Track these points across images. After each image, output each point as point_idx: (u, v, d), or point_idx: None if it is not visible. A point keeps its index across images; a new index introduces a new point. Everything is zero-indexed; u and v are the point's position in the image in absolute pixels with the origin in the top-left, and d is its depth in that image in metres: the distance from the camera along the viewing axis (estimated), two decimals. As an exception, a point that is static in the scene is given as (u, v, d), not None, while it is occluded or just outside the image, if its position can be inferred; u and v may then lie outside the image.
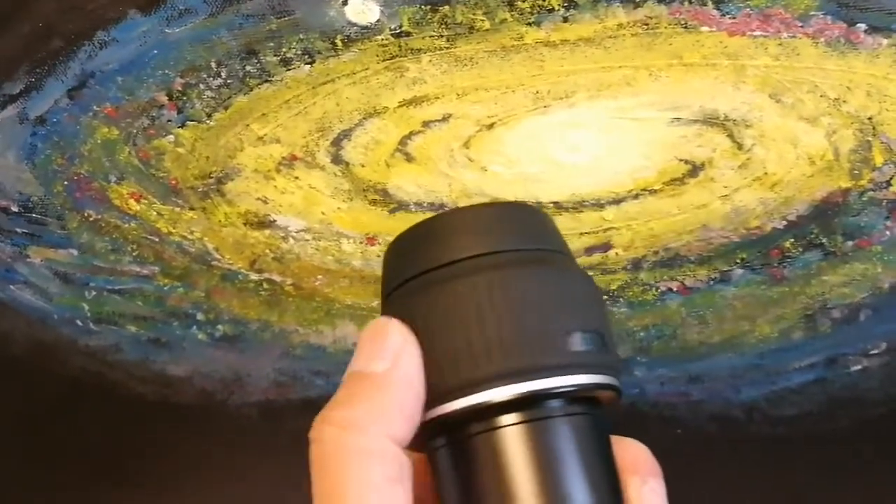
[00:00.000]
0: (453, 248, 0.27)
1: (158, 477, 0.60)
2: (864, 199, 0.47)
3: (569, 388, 0.26)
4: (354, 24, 0.46)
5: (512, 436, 0.26)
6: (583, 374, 0.26)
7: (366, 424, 0.25)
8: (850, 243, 0.48)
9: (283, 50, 0.47)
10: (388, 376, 0.26)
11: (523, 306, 0.26)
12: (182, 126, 0.50)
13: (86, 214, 0.53)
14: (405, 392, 0.26)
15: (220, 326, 0.55)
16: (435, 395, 0.26)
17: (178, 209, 0.52)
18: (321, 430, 0.26)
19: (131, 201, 0.52)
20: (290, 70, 0.47)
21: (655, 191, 0.48)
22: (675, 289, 0.51)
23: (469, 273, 0.27)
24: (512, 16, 0.44)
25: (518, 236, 0.28)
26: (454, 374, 0.26)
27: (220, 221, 0.52)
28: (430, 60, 0.46)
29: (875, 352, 0.50)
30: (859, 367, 0.50)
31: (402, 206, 0.50)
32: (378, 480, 0.24)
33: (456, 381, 0.26)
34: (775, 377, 0.51)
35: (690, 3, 0.43)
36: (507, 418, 0.26)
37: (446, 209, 0.29)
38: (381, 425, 0.25)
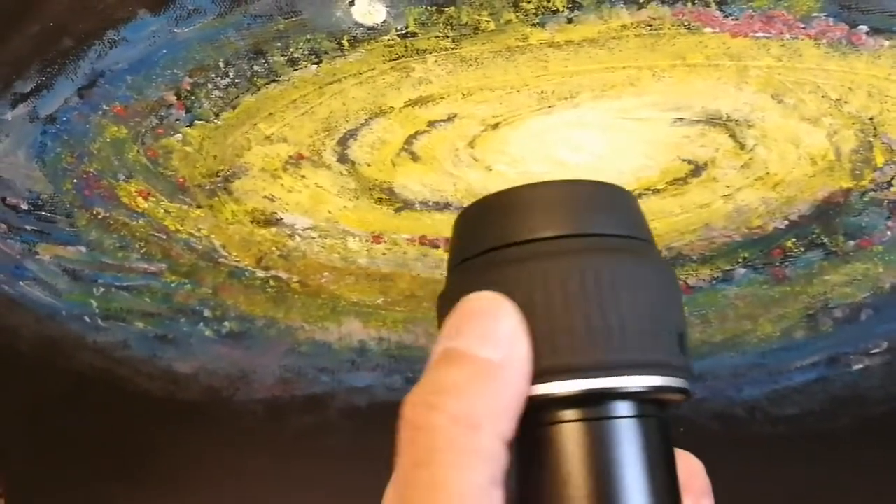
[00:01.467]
0: (557, 221, 0.26)
1: (163, 473, 0.60)
2: (866, 199, 0.47)
3: (661, 388, 0.25)
4: (361, 25, 0.46)
5: (586, 432, 0.24)
6: (669, 375, 0.25)
7: (481, 421, 0.23)
8: (851, 243, 0.48)
9: (291, 50, 0.47)
10: (503, 367, 0.24)
11: (629, 298, 0.24)
12: (190, 125, 0.50)
13: (94, 212, 0.54)
14: (521, 387, 0.24)
15: (226, 323, 0.56)
16: None
17: (185, 207, 0.53)
18: (430, 417, 0.23)
19: (139, 199, 0.53)
20: (297, 70, 0.48)
21: (658, 190, 0.49)
22: (677, 288, 0.51)
23: (572, 253, 0.25)
24: (517, 17, 0.45)
25: (620, 221, 0.26)
26: (554, 357, 0.24)
27: (227, 219, 0.53)
28: (436, 61, 0.47)
29: (876, 351, 0.50)
30: (861, 366, 0.50)
31: (407, 205, 0.51)
32: (484, 483, 0.22)
33: (556, 363, 0.24)
34: (777, 376, 0.51)
35: (693, 4, 0.44)
36: (581, 413, 0.24)
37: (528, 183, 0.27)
38: (495, 424, 0.23)
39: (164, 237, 0.54)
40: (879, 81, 0.44)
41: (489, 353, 0.23)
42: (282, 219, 0.52)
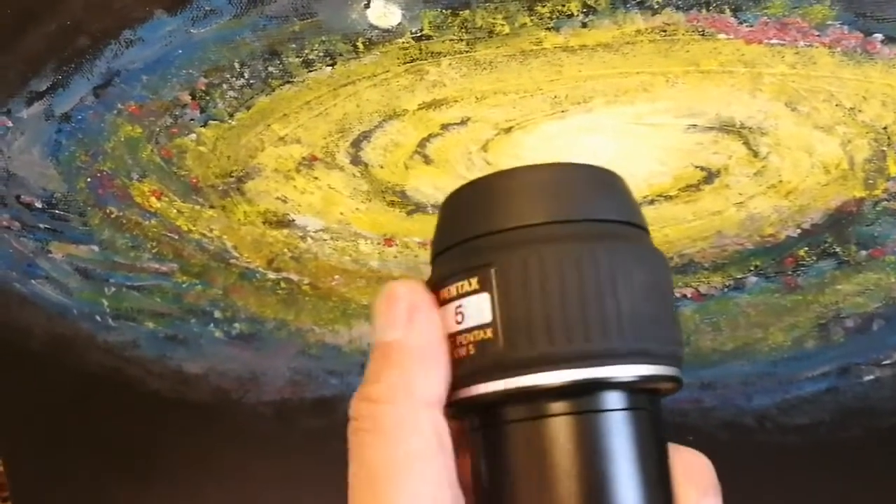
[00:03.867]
0: (543, 207, 0.25)
1: (171, 473, 0.60)
2: (879, 208, 0.47)
3: (652, 377, 0.24)
4: (376, 27, 0.46)
5: (574, 425, 0.23)
6: (660, 364, 0.24)
7: (394, 395, 0.25)
8: (863, 253, 0.48)
9: (306, 51, 0.47)
10: (403, 343, 0.25)
11: (618, 286, 0.24)
12: (204, 125, 0.50)
13: (107, 211, 0.54)
14: (424, 356, 0.25)
15: (236, 324, 0.56)
16: (482, 367, 0.24)
17: (198, 207, 0.53)
18: (357, 407, 0.25)
19: (152, 199, 0.53)
20: (311, 71, 0.48)
21: (671, 197, 0.49)
22: (689, 295, 0.51)
23: (558, 239, 0.24)
24: (531, 20, 0.45)
25: (611, 206, 0.26)
26: (528, 346, 0.24)
27: (239, 220, 0.53)
28: (450, 64, 0.47)
29: (887, 362, 0.50)
30: (872, 377, 0.50)
31: (419, 208, 0.51)
32: (416, 450, 0.24)
33: (530, 353, 0.24)
34: (787, 385, 0.51)
35: (708, 10, 0.44)
36: (563, 406, 0.24)
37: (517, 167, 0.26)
38: (409, 394, 0.24)
39: (177, 237, 0.54)
40: (894, 91, 0.44)
41: (390, 335, 0.25)
42: (294, 220, 0.52)
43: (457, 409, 0.26)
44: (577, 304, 0.23)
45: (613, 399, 0.24)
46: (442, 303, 0.26)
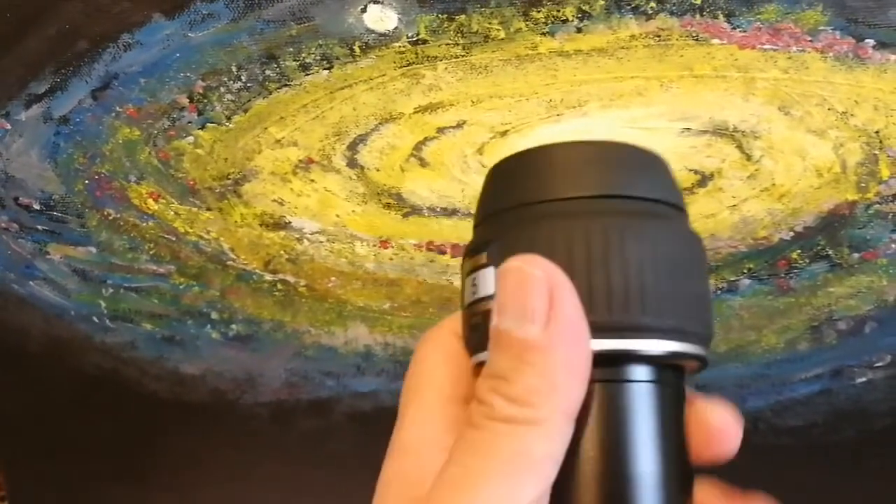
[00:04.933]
0: (586, 181, 0.25)
1: (168, 474, 0.61)
2: (871, 211, 0.47)
3: (678, 354, 0.25)
4: (372, 31, 0.47)
5: (600, 393, 0.24)
6: (687, 342, 0.25)
7: (533, 400, 0.23)
8: (856, 255, 0.48)
9: (303, 55, 0.48)
10: (545, 346, 0.23)
11: (652, 263, 0.24)
12: (202, 128, 0.51)
13: (105, 213, 0.54)
14: (570, 362, 0.23)
15: (233, 326, 0.56)
16: None
17: (195, 209, 0.53)
18: (493, 398, 0.23)
19: (150, 201, 0.53)
20: (308, 75, 0.48)
21: (665, 200, 0.49)
22: (682, 297, 0.51)
23: (598, 213, 0.24)
24: (527, 25, 0.45)
25: (651, 185, 0.26)
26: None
27: (236, 222, 0.53)
28: (446, 68, 0.47)
29: (880, 364, 0.50)
30: (864, 379, 0.50)
31: (415, 211, 0.51)
32: (541, 458, 0.22)
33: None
34: (781, 387, 0.52)
35: (702, 15, 0.44)
36: (596, 373, 0.24)
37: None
38: (549, 399, 0.23)
39: (174, 239, 0.54)
40: (885, 95, 0.45)
41: (527, 332, 0.23)
42: (290, 222, 0.52)
43: None
44: (601, 277, 0.24)
45: (640, 371, 0.24)
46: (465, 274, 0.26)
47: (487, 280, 0.25)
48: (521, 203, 0.26)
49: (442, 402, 0.26)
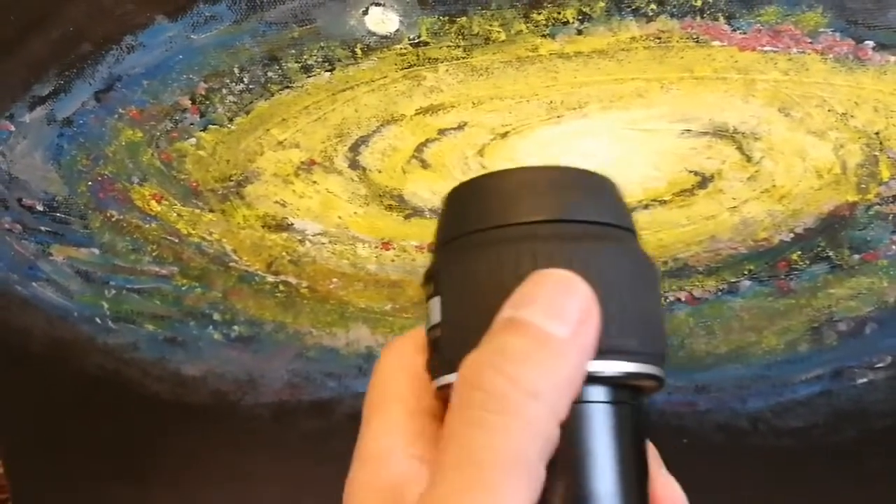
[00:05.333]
0: (541, 206, 0.25)
1: (170, 474, 0.61)
2: (871, 213, 0.47)
3: (635, 374, 0.25)
4: (374, 34, 0.47)
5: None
6: (643, 362, 0.25)
7: (541, 392, 0.22)
8: (856, 257, 0.48)
9: (305, 57, 0.48)
10: (567, 345, 0.23)
11: (607, 286, 0.24)
12: (204, 129, 0.51)
13: (108, 214, 0.54)
14: (581, 369, 0.23)
15: (235, 327, 0.56)
16: None
17: (198, 211, 0.53)
18: (490, 377, 0.22)
19: (153, 202, 0.53)
20: (310, 77, 0.48)
21: (665, 201, 0.49)
22: (683, 299, 0.51)
23: (553, 238, 0.25)
24: (527, 27, 0.45)
25: (603, 209, 0.26)
26: None
27: (238, 224, 0.53)
28: (447, 70, 0.47)
29: (880, 365, 0.50)
30: (864, 379, 0.50)
31: (416, 212, 0.51)
32: (533, 457, 0.22)
33: None
34: (781, 388, 0.52)
35: (702, 17, 0.44)
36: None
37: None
38: (553, 399, 0.22)
39: (176, 241, 0.54)
40: (885, 96, 0.45)
41: (556, 329, 0.23)
42: (293, 224, 0.53)
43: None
44: None
45: (596, 392, 0.24)
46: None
47: (435, 309, 0.26)
48: (469, 231, 0.26)
49: (406, 413, 0.26)
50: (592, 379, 0.24)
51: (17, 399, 0.61)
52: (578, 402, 0.24)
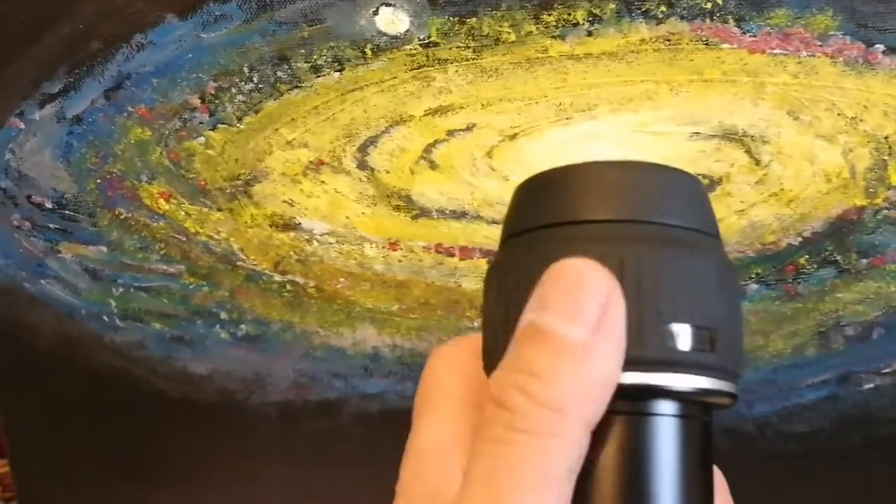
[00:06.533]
0: (621, 205, 0.24)
1: (176, 474, 0.61)
2: (879, 217, 0.47)
3: (708, 391, 0.23)
4: (384, 34, 0.47)
5: (625, 425, 0.23)
6: (717, 378, 0.24)
7: (566, 406, 0.21)
8: (864, 261, 0.48)
9: (314, 57, 0.48)
10: (589, 348, 0.22)
11: (685, 295, 0.23)
12: (213, 129, 0.51)
13: (116, 212, 0.54)
14: (609, 367, 0.22)
15: (242, 326, 0.56)
16: None
17: (206, 210, 0.53)
18: (513, 397, 0.22)
19: (161, 201, 0.54)
20: (320, 77, 0.48)
21: (673, 204, 0.49)
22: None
23: (633, 239, 0.23)
24: (537, 29, 0.46)
25: (688, 212, 0.24)
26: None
27: (246, 223, 0.53)
28: (457, 71, 0.47)
29: (887, 370, 0.50)
30: (871, 385, 0.50)
31: (424, 213, 0.51)
32: (562, 471, 0.21)
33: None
34: (788, 393, 0.52)
35: (712, 20, 0.44)
36: (621, 405, 0.23)
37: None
38: (581, 409, 0.21)
39: (184, 239, 0.55)
40: (895, 101, 0.45)
41: (573, 332, 0.22)
42: (300, 224, 0.53)
43: None
44: (633, 309, 0.23)
45: (666, 406, 0.23)
46: None
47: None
48: (545, 224, 0.24)
49: (460, 405, 0.25)
50: (659, 393, 0.23)
51: (25, 396, 0.61)
52: (644, 415, 0.23)
